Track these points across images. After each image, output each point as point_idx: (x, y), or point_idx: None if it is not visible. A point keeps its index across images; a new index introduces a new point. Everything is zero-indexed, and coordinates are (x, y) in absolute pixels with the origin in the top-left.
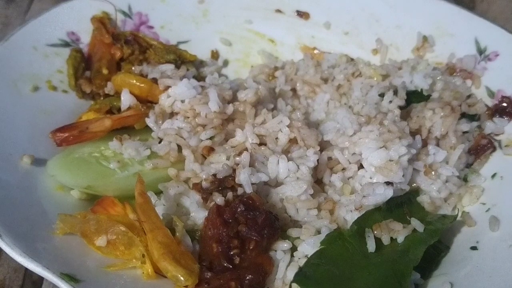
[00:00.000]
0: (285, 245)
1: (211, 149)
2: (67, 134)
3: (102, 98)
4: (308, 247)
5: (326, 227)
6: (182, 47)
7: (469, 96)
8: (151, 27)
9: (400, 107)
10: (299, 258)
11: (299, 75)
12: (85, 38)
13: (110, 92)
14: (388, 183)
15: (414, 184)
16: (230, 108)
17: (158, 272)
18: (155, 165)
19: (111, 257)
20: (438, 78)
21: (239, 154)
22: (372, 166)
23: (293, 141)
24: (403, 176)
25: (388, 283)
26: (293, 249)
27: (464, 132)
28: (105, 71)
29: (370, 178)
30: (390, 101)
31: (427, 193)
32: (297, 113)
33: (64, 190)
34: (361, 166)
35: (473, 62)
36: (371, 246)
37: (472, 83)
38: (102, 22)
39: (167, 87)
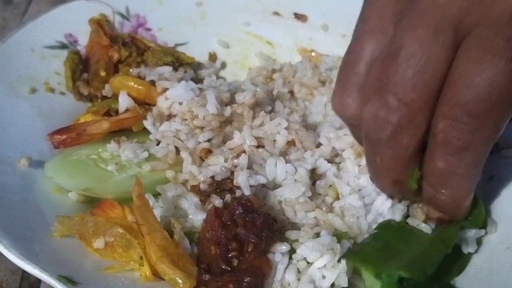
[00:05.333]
0: (283, 247)
1: (209, 151)
2: (65, 136)
3: (99, 100)
4: (307, 250)
5: (325, 230)
6: (180, 49)
7: None
8: (149, 29)
9: None
10: (297, 261)
11: (297, 78)
12: (83, 40)
13: (108, 94)
14: None
15: None
16: (228, 110)
17: (156, 275)
18: (153, 167)
19: (109, 259)
20: None
21: (237, 156)
22: None
23: (291, 143)
24: None
25: (435, 246)
26: (291, 251)
27: None
28: (102, 73)
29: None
30: None
31: None
32: (294, 116)
33: (62, 192)
34: None
35: None
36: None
37: None
38: (100, 24)
39: (165, 89)
